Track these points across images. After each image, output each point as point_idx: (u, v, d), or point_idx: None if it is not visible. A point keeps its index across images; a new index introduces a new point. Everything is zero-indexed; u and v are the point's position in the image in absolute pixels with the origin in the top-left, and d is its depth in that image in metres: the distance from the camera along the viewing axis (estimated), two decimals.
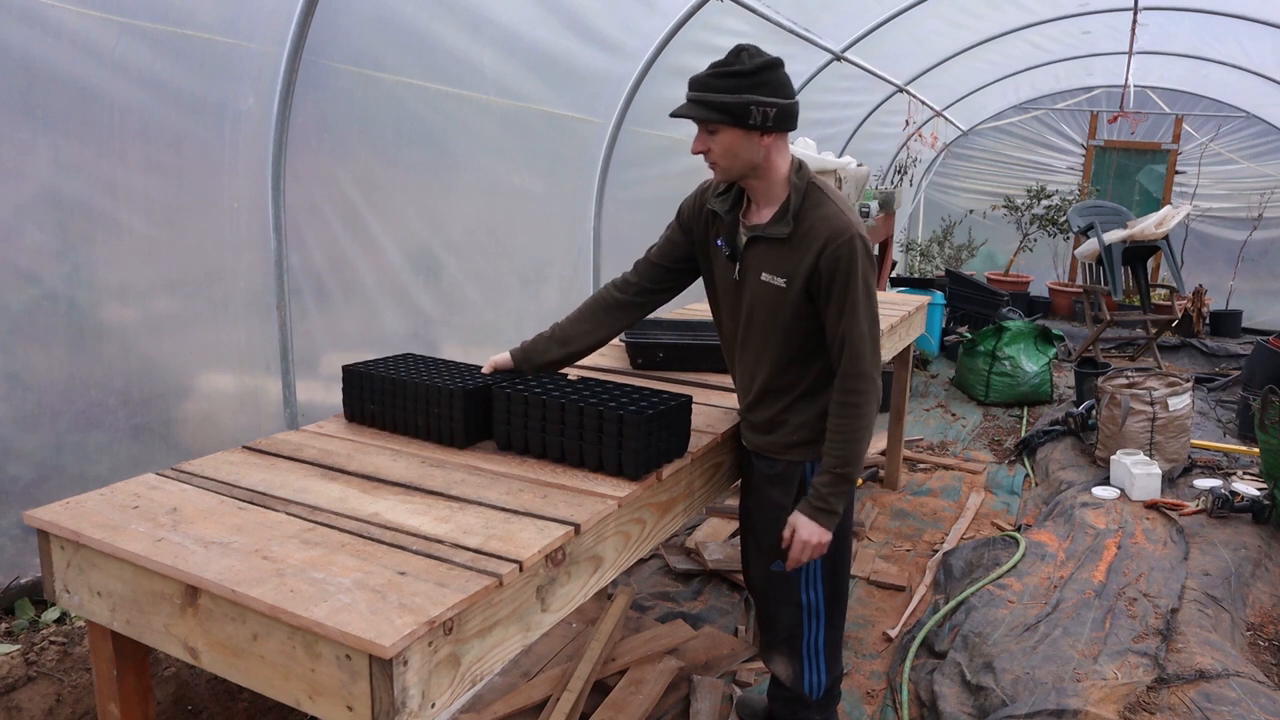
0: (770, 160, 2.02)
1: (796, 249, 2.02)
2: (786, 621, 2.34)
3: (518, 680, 2.85)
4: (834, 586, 2.33)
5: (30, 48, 2.58)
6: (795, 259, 2.02)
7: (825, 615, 2.33)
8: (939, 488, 4.90)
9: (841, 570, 2.35)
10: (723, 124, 1.95)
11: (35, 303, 2.73)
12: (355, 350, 3.75)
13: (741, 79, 1.92)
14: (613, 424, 1.92)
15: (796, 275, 2.02)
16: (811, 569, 2.27)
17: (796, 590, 2.29)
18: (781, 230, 2.04)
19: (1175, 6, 7.08)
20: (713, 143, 1.99)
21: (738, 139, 1.97)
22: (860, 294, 1.99)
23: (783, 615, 2.34)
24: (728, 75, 1.93)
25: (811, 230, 2.01)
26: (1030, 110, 10.71)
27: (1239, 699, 2.58)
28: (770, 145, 2.00)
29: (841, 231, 1.97)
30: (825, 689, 2.41)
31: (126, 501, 1.71)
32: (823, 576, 2.30)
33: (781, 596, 2.32)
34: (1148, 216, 7.79)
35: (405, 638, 1.27)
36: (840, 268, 1.97)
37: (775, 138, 2.00)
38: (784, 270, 2.04)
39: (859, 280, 1.98)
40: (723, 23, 5.28)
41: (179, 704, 2.51)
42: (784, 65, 2.00)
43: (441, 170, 4.17)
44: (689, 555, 3.81)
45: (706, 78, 1.96)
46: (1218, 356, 8.38)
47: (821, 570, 2.29)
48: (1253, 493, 4.16)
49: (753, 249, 2.10)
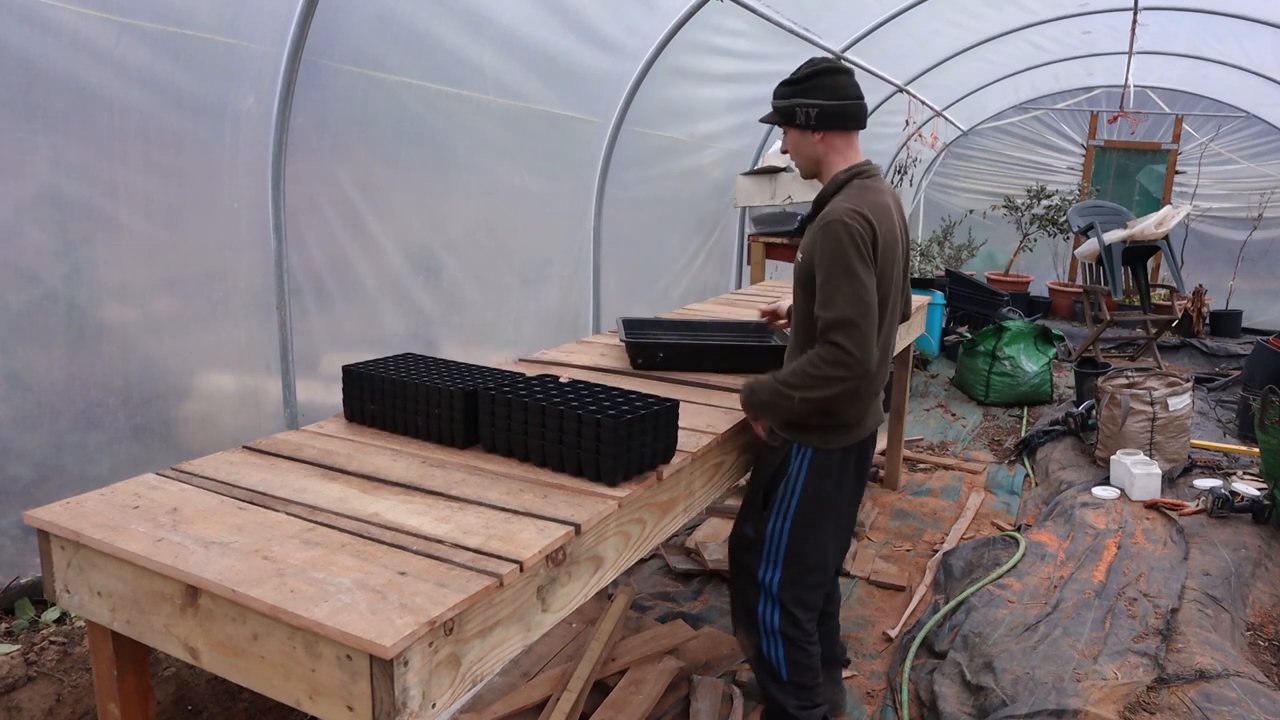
0: (828, 157, 2.29)
1: (811, 229, 2.25)
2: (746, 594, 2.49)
3: (518, 680, 2.85)
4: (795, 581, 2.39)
5: (30, 48, 2.58)
6: (808, 239, 2.25)
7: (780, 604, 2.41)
8: (939, 488, 4.90)
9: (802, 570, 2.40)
10: (784, 124, 2.29)
11: (35, 303, 2.73)
12: (355, 350, 3.75)
13: (792, 85, 2.25)
14: (590, 428, 1.89)
15: (806, 253, 2.24)
16: (770, 549, 2.39)
17: (758, 566, 2.43)
18: (815, 213, 2.27)
19: (1175, 6, 7.08)
20: (787, 142, 2.33)
21: (797, 137, 2.28)
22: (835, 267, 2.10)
23: (742, 586, 2.51)
24: (783, 84, 2.28)
25: (824, 215, 2.20)
26: (1030, 110, 10.71)
27: (1239, 699, 2.58)
28: (825, 142, 2.26)
29: (831, 212, 2.14)
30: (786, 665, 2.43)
31: (126, 501, 1.71)
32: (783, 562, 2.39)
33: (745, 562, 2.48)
34: (1148, 216, 7.79)
35: (406, 638, 1.27)
36: (823, 247, 2.13)
37: (829, 135, 2.25)
38: (803, 248, 2.27)
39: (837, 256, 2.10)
40: (723, 23, 5.28)
41: (179, 704, 2.51)
42: (844, 72, 2.25)
43: (441, 170, 4.17)
44: (689, 555, 3.81)
45: (776, 86, 2.30)
46: (1218, 356, 8.39)
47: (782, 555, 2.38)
48: (1253, 493, 4.16)
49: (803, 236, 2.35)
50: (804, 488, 2.34)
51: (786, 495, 2.36)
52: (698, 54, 5.41)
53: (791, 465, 2.34)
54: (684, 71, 5.43)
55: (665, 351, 2.85)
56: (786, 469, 2.35)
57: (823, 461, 2.33)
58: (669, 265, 6.35)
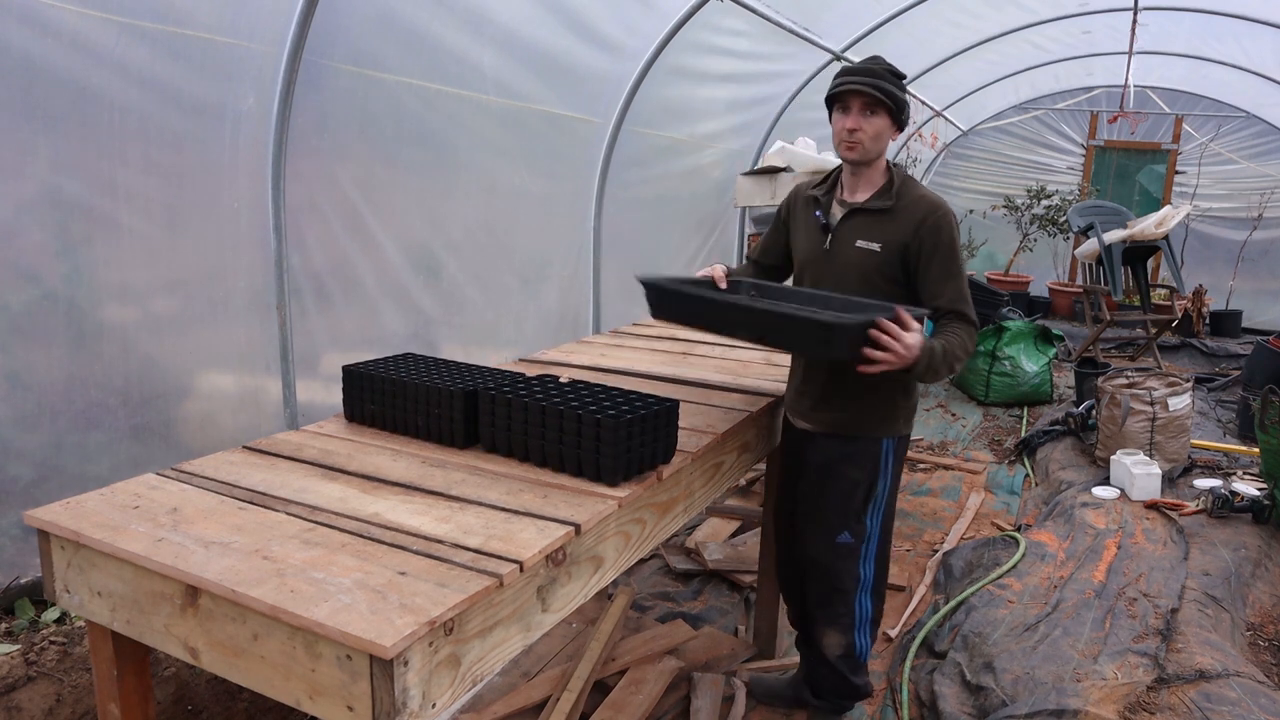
0: (884, 152, 2.37)
1: (894, 219, 2.29)
2: (845, 596, 2.52)
3: (518, 680, 2.85)
4: (882, 564, 2.59)
5: (30, 48, 2.58)
6: (893, 228, 2.29)
7: (873, 588, 2.57)
8: (939, 488, 4.90)
9: (886, 550, 2.60)
10: (886, 111, 2.27)
11: (35, 303, 2.73)
12: (355, 350, 3.75)
13: (901, 81, 2.30)
14: (590, 428, 1.89)
15: (892, 242, 2.28)
16: (867, 547, 2.49)
17: (855, 564, 2.48)
18: (884, 203, 2.31)
19: (1175, 6, 7.08)
20: (867, 124, 2.27)
21: (886, 127, 2.29)
22: (958, 256, 2.29)
23: (842, 589, 2.52)
24: (897, 75, 2.29)
25: (912, 205, 2.29)
26: (1030, 110, 10.71)
27: (1239, 699, 2.58)
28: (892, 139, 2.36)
29: (939, 205, 2.29)
30: (870, 648, 2.64)
31: (127, 501, 1.71)
32: (875, 555, 2.52)
33: (843, 570, 2.49)
34: (1148, 216, 7.79)
35: (406, 638, 1.27)
36: (941, 236, 2.26)
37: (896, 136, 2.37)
38: (879, 237, 2.30)
39: (957, 244, 2.29)
40: (722, 23, 5.28)
41: (179, 704, 2.51)
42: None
43: (441, 170, 4.17)
44: (689, 555, 3.81)
45: (881, 69, 2.26)
46: (1218, 356, 8.39)
47: (875, 549, 2.51)
48: (1253, 493, 4.16)
49: (848, 222, 2.36)
50: (893, 475, 2.47)
51: (882, 490, 2.45)
52: (698, 54, 5.41)
53: (884, 460, 2.43)
54: (684, 71, 5.43)
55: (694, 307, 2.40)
56: (879, 465, 2.42)
57: (902, 447, 2.49)
58: (669, 265, 6.34)
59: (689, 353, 3.25)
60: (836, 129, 2.32)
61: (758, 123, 6.84)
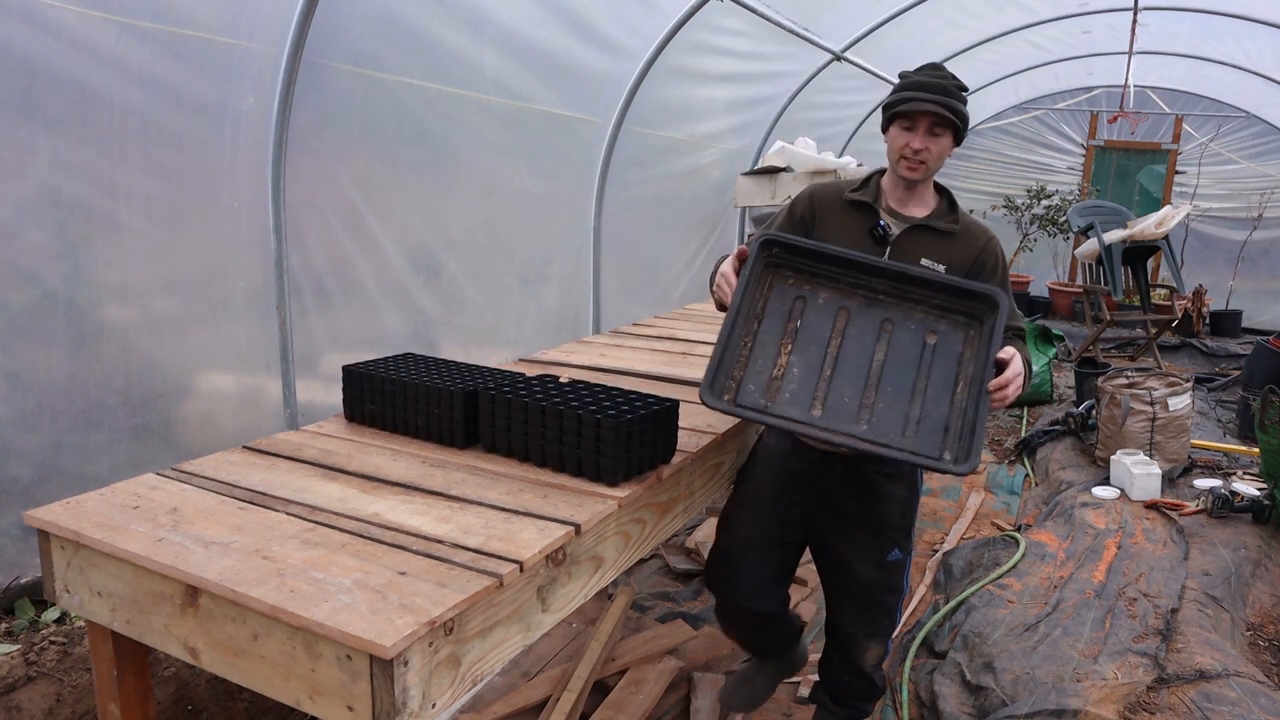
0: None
1: (957, 242, 2.27)
2: (889, 609, 2.51)
3: (518, 680, 2.85)
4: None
5: (30, 48, 2.58)
6: (956, 251, 2.26)
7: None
8: (939, 488, 4.90)
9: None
10: (952, 130, 2.17)
11: (35, 303, 2.73)
12: (355, 350, 3.75)
13: (965, 94, 2.18)
14: (590, 428, 1.89)
15: (956, 265, 2.25)
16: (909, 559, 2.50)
17: (901, 578, 2.46)
18: (950, 225, 2.28)
19: (1175, 6, 7.08)
20: (934, 144, 2.16)
21: (949, 146, 2.21)
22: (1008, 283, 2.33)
23: (888, 603, 2.50)
24: (963, 89, 2.18)
25: (970, 229, 2.30)
26: (1030, 110, 10.70)
27: (1239, 699, 2.58)
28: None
29: (993, 234, 2.35)
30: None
31: (127, 501, 1.71)
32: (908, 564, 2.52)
33: (893, 585, 2.47)
34: (1148, 216, 7.79)
35: (406, 638, 1.27)
36: (1001, 261, 2.31)
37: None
38: (944, 258, 2.25)
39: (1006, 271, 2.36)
40: (723, 23, 5.28)
41: (179, 704, 2.51)
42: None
43: (441, 170, 4.17)
44: (689, 555, 3.81)
45: (951, 86, 2.14)
46: (1218, 356, 8.38)
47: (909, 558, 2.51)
48: (1253, 493, 4.15)
49: (911, 236, 2.27)
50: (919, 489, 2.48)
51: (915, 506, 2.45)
52: (698, 54, 5.41)
53: (919, 471, 2.42)
54: (684, 71, 5.43)
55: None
56: (916, 477, 2.42)
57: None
58: (669, 265, 6.35)
59: (689, 353, 3.25)
60: (897, 145, 2.18)
61: (758, 123, 6.84)
